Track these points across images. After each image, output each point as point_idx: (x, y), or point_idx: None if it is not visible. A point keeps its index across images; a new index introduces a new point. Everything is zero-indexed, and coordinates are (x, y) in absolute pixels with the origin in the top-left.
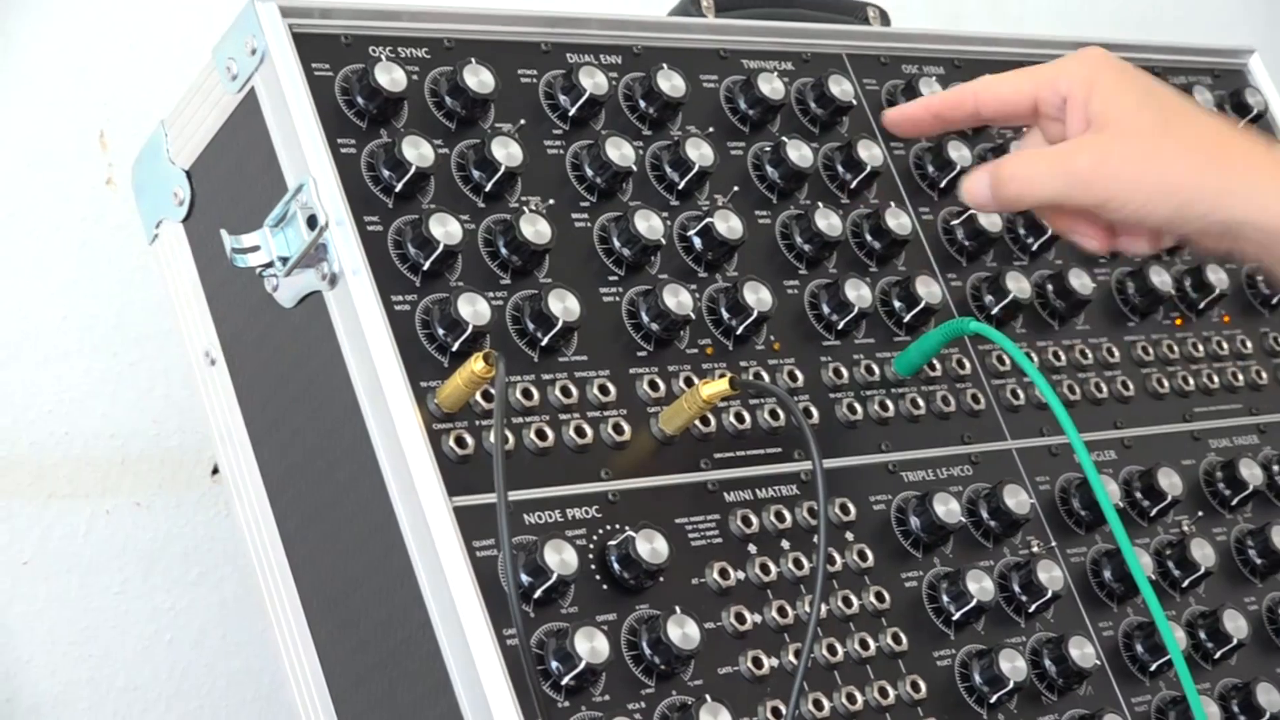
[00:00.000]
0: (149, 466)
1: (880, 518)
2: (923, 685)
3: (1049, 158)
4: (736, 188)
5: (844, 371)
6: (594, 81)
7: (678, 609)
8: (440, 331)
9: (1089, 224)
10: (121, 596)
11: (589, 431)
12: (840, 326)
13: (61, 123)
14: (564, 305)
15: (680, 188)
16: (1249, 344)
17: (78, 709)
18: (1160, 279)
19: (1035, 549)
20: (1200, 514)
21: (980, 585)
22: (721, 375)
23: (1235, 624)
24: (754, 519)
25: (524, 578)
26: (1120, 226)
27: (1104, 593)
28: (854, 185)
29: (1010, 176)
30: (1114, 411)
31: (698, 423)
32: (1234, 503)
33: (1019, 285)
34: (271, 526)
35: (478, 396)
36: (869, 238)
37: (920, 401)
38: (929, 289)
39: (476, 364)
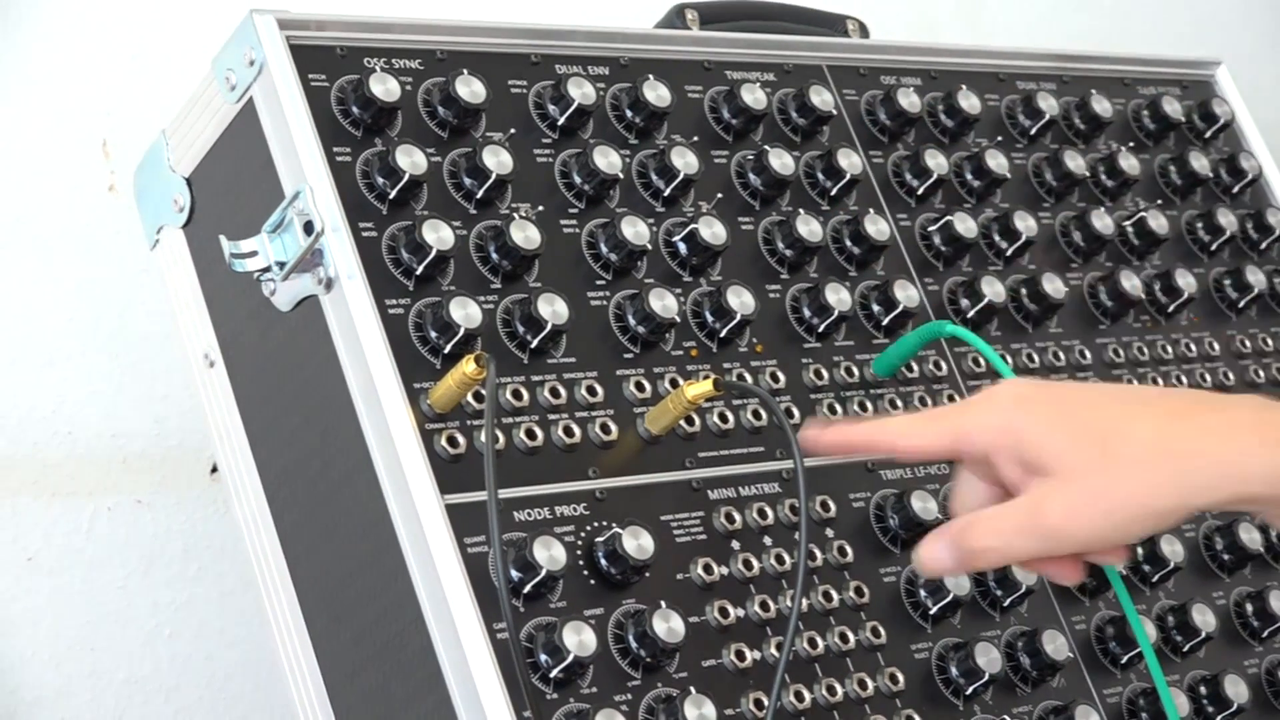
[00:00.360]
0: (150, 465)
1: (860, 515)
2: (901, 677)
3: (1015, 519)
4: (720, 195)
5: (824, 373)
6: (582, 92)
7: (663, 603)
8: (433, 334)
9: (1059, 562)
10: (123, 592)
11: (577, 431)
12: (820, 329)
13: (65, 131)
14: (553, 309)
15: (666, 195)
16: (1216, 346)
17: (80, 701)
18: (1131, 283)
19: None
20: None
21: (956, 580)
22: (706, 377)
23: (1204, 618)
24: (737, 516)
25: (514, 573)
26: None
27: (1076, 587)
28: (834, 192)
29: (983, 549)
30: None
31: (683, 423)
32: None
33: (994, 289)
34: (269, 524)
35: (469, 397)
36: (848, 243)
37: (898, 402)
38: (907, 293)
39: (468, 366)
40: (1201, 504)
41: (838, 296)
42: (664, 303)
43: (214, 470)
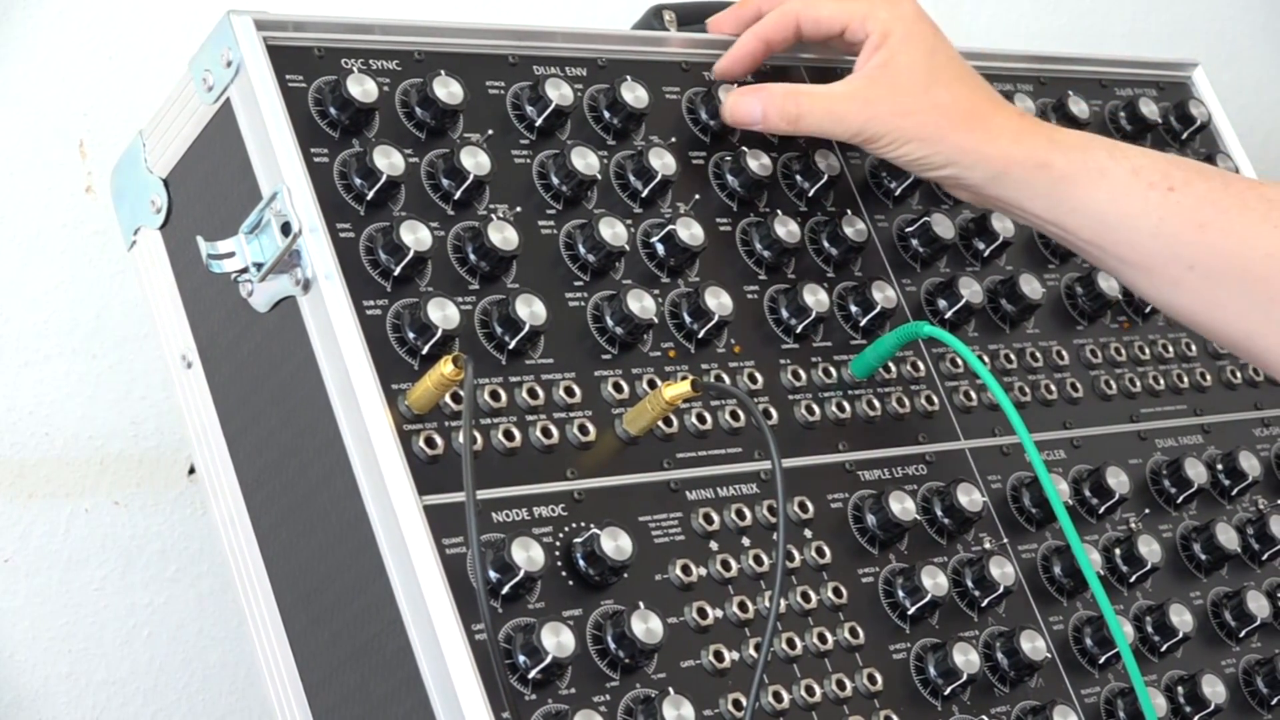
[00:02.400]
0: (127, 466)
1: (838, 515)
2: (879, 678)
3: (824, 99)
4: (698, 196)
5: (802, 374)
6: (560, 93)
7: (641, 604)
8: (410, 335)
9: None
10: (101, 593)
11: (555, 432)
12: (799, 330)
13: (43, 132)
14: (531, 310)
15: (644, 196)
16: (1193, 347)
17: (57, 703)
18: (1108, 284)
19: (987, 545)
20: (1147, 511)
21: (934, 581)
22: (684, 377)
23: (1181, 618)
24: (715, 517)
25: (492, 574)
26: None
27: (1054, 588)
28: (812, 194)
29: (799, 113)
30: (1063, 412)
31: (661, 423)
32: (1179, 500)
33: (971, 290)
34: (246, 524)
35: (447, 398)
36: (826, 244)
37: (876, 403)
38: (884, 294)
39: (446, 367)
40: (946, 155)
41: (815, 297)
42: (642, 304)
43: (191, 471)
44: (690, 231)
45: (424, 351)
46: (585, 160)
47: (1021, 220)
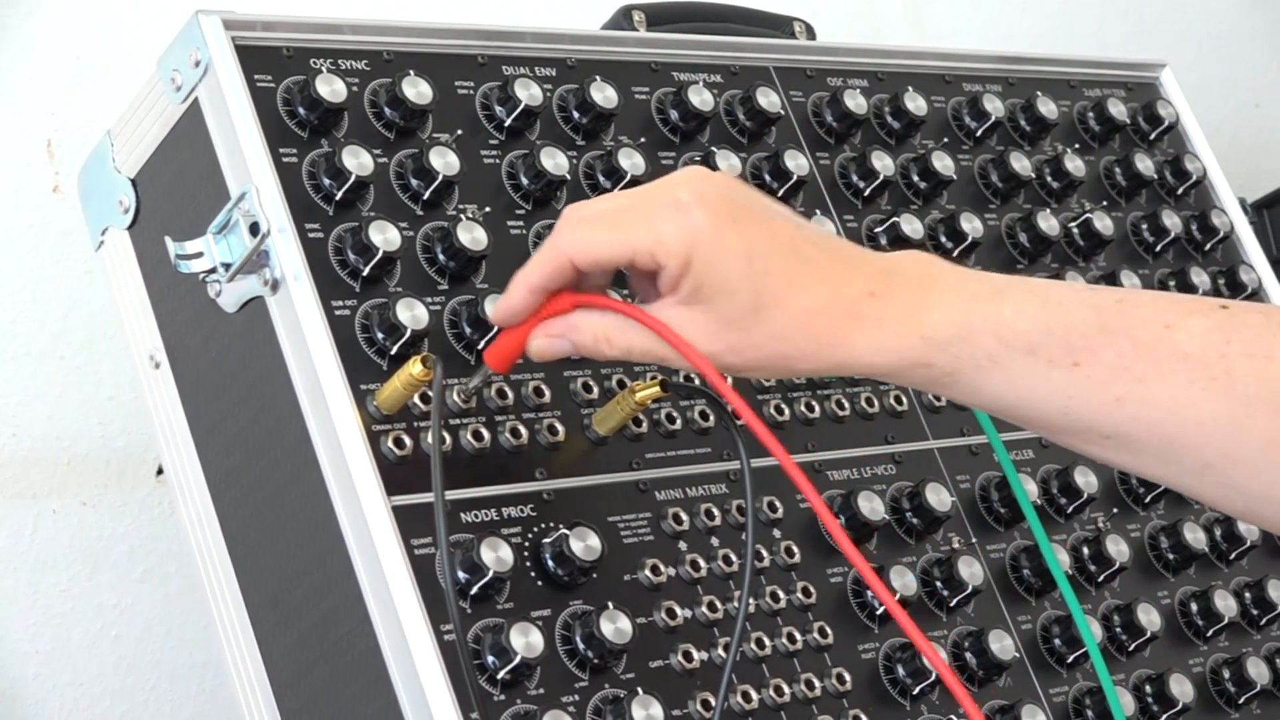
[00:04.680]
0: (95, 467)
1: (807, 515)
2: (848, 677)
3: (643, 339)
4: None
5: None
6: (529, 93)
7: (610, 604)
8: (379, 335)
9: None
10: (68, 594)
11: (524, 433)
12: None
13: (9, 131)
14: None
15: None
16: None
17: (25, 705)
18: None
19: (956, 545)
20: (1115, 511)
21: (903, 580)
22: (653, 378)
23: (1149, 617)
24: (684, 517)
25: (461, 575)
26: None
27: (1023, 587)
28: (781, 194)
29: (621, 349)
30: None
31: (630, 424)
32: (1147, 500)
33: None
34: (214, 525)
35: (416, 399)
36: None
37: (845, 403)
38: None
39: (414, 367)
40: (807, 375)
41: None
42: None
43: (160, 472)
44: None
45: (393, 352)
46: (554, 160)
47: None
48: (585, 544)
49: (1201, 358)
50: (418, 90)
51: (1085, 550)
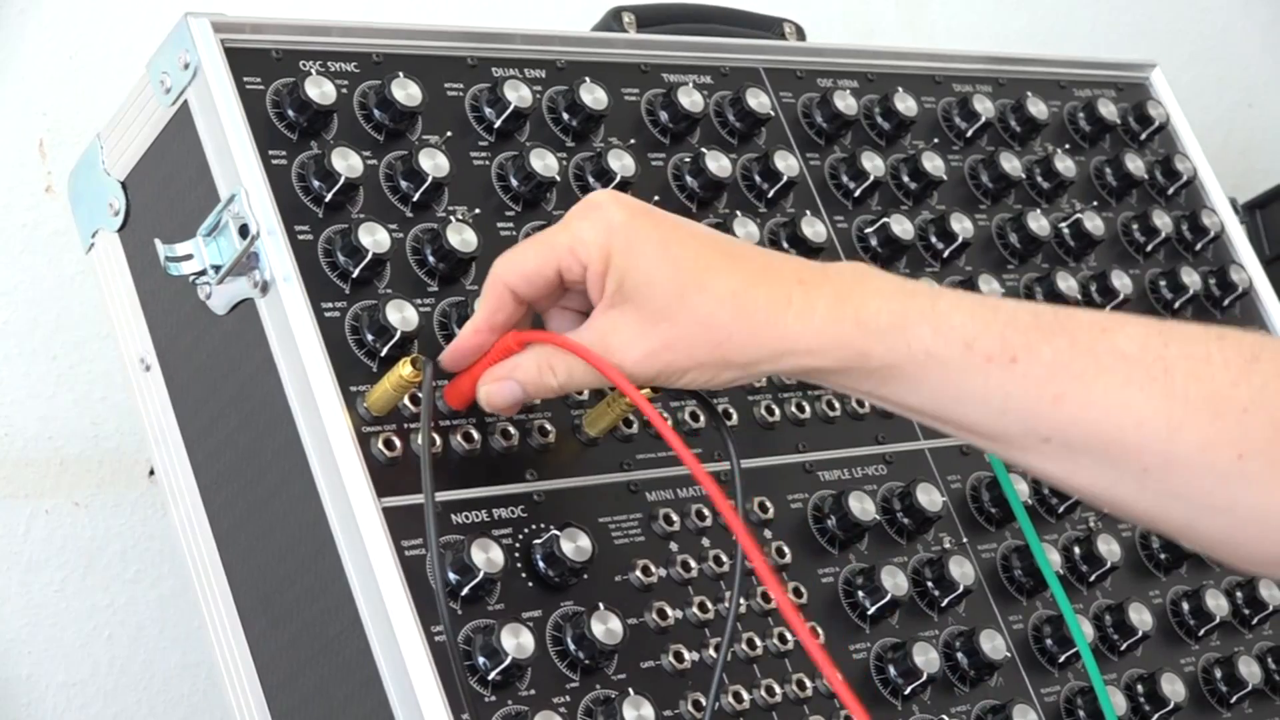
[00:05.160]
0: (87, 467)
1: (798, 516)
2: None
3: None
4: (658, 197)
5: None
6: (519, 95)
7: (601, 605)
8: (369, 337)
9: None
10: (61, 594)
11: (515, 434)
12: None
13: (2, 131)
14: None
15: None
16: None
17: (17, 704)
18: (1067, 284)
19: (947, 545)
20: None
21: (894, 580)
22: None
23: (1140, 616)
24: (675, 518)
25: (451, 576)
26: None
27: (1014, 587)
28: (771, 195)
29: (561, 381)
30: None
31: (621, 424)
32: None
33: None
34: (205, 527)
35: (406, 400)
36: (785, 245)
37: (836, 403)
38: None
39: (404, 369)
40: (747, 368)
41: None
42: None
43: (151, 473)
44: None
45: (383, 353)
46: (544, 162)
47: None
48: (576, 545)
49: (1140, 358)
50: (407, 92)
51: (1076, 550)
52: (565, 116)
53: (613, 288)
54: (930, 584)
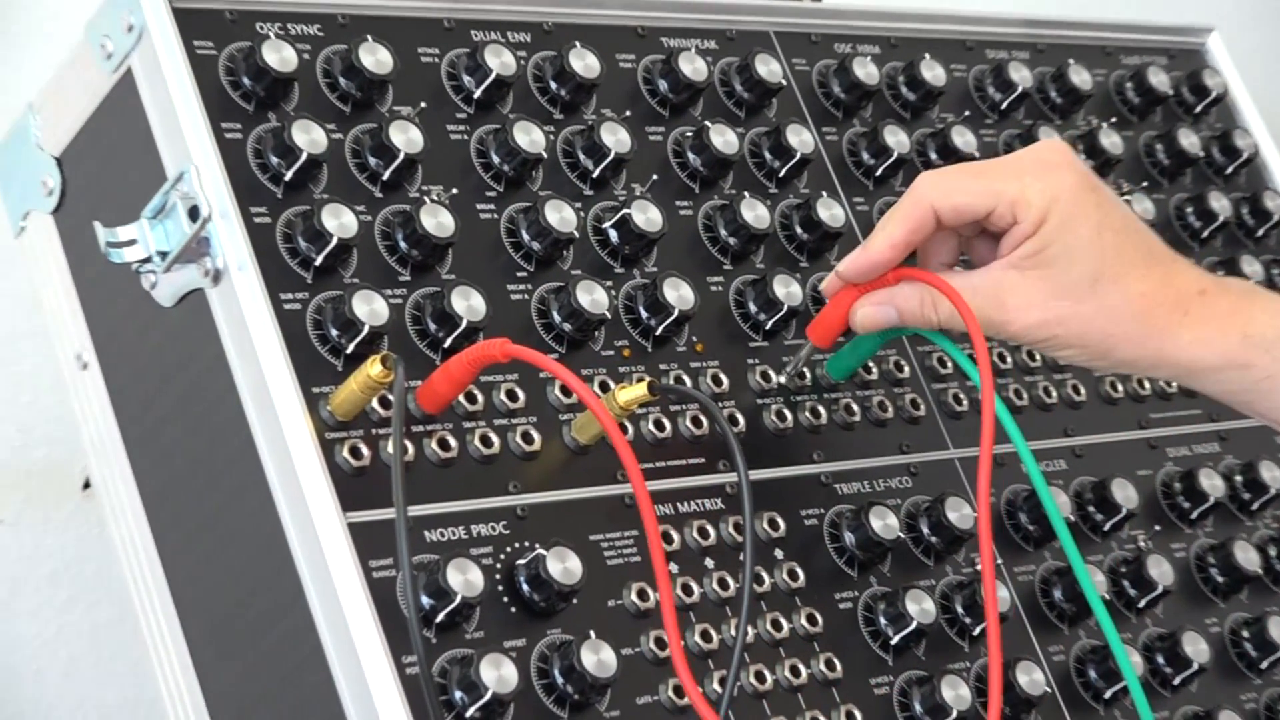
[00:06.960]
0: (14, 480)
1: (812, 533)
2: (859, 715)
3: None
4: (656, 176)
5: (772, 375)
6: (500, 61)
7: (592, 633)
8: (334, 332)
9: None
10: None
11: (495, 441)
12: (768, 326)
13: None
14: (468, 304)
15: (595, 176)
16: None
17: None
18: None
19: (980, 567)
20: (1157, 528)
21: (920, 606)
22: (640, 379)
23: (1196, 647)
24: (675, 535)
25: (425, 600)
26: None
27: (1054, 614)
28: (783, 173)
29: (941, 319)
30: (1064, 417)
31: None
32: (1193, 516)
33: None
34: (149, 545)
35: (374, 403)
36: (799, 230)
37: (855, 407)
38: None
39: (373, 368)
40: (1118, 367)
41: (787, 290)
42: (593, 297)
43: (86, 485)
44: (647, 216)
45: (349, 350)
46: (529, 136)
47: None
48: (564, 565)
49: None
50: (376, 58)
51: (1124, 572)
52: (553, 85)
53: (1031, 249)
54: (960, 610)
